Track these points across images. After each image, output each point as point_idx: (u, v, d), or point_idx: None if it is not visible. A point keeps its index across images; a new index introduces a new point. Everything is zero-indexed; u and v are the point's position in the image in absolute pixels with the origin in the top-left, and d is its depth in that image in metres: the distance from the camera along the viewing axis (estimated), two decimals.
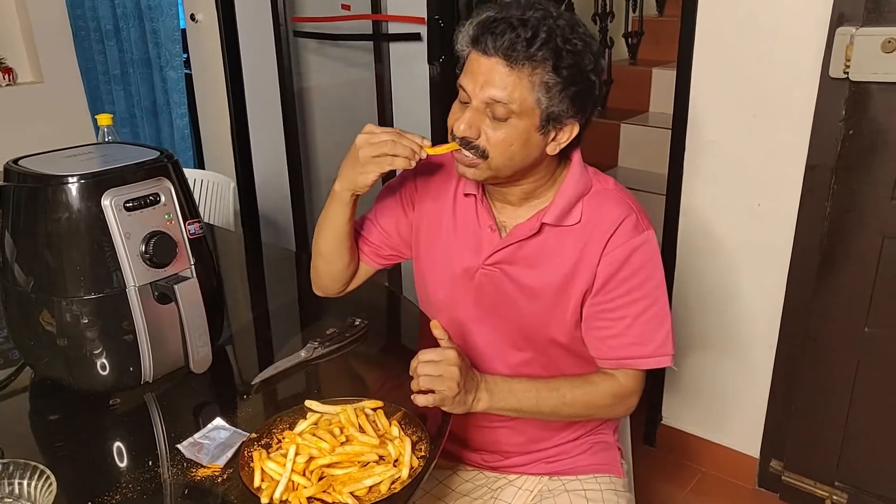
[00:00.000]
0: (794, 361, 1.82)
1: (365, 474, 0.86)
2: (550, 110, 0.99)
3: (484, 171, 1.03)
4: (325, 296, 1.26)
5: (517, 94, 0.97)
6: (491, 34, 0.96)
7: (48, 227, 1.01)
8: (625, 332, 1.09)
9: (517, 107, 0.97)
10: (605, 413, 1.16)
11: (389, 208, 1.22)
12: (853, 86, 1.54)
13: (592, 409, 1.12)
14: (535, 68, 0.96)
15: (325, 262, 1.21)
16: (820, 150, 1.64)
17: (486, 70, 0.97)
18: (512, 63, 0.96)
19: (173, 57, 2.79)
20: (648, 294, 1.08)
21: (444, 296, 1.20)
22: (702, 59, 1.76)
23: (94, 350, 1.04)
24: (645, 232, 1.08)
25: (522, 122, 0.99)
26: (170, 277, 1.06)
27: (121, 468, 0.95)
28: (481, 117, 1.00)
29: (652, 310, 1.09)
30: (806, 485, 1.87)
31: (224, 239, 1.95)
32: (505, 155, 1.01)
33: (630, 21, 3.38)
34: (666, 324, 1.10)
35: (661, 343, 1.10)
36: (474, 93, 0.99)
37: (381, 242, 1.23)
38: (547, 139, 1.03)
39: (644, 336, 1.09)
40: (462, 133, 1.00)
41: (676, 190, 1.89)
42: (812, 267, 1.71)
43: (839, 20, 1.52)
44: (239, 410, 1.07)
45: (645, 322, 1.09)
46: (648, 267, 1.08)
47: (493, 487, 1.25)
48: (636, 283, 1.07)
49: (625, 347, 1.10)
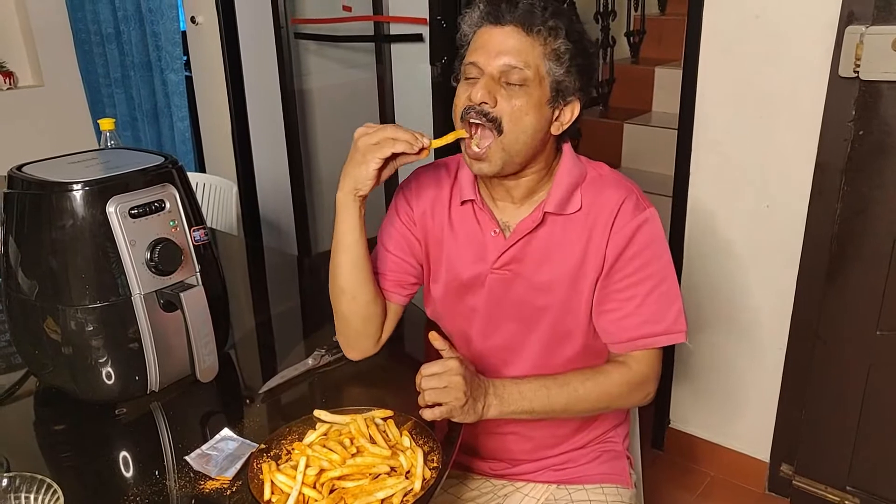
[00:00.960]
0: (804, 364, 1.80)
1: (377, 486, 0.85)
2: (559, 80, 1.02)
3: (496, 157, 1.02)
4: (363, 355, 1.17)
5: (532, 60, 1.00)
6: (507, 2, 1.00)
7: (52, 234, 0.99)
8: (636, 312, 1.08)
9: (531, 73, 1.00)
10: (622, 403, 1.13)
11: (395, 233, 1.19)
12: (863, 85, 1.53)
13: (607, 399, 1.09)
14: (549, 35, 1.00)
15: (349, 300, 1.12)
16: (829, 151, 1.62)
17: (501, 39, 1.00)
18: (528, 29, 0.99)
19: (174, 59, 2.77)
20: (656, 272, 1.07)
21: (456, 306, 1.18)
22: (708, 59, 1.75)
23: (99, 359, 1.03)
24: (646, 210, 1.07)
25: (535, 91, 1.01)
26: (175, 285, 1.05)
27: (128, 480, 0.94)
28: (496, 86, 1.00)
29: (661, 287, 1.08)
30: (817, 489, 1.85)
31: (226, 243, 1.93)
32: (519, 126, 1.01)
33: (632, 20, 3.37)
34: (677, 301, 1.09)
35: (674, 320, 1.08)
36: (488, 63, 1.00)
37: (400, 270, 1.18)
38: (552, 117, 1.05)
39: (656, 314, 1.08)
40: (479, 99, 1.00)
41: (683, 191, 1.88)
42: (822, 269, 1.70)
43: (849, 19, 1.51)
44: (246, 420, 1.05)
45: (655, 300, 1.07)
46: (654, 245, 1.07)
47: (500, 494, 1.23)
48: (643, 262, 1.07)
49: (637, 327, 1.08)
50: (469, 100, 1.01)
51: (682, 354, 2.03)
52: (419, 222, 1.18)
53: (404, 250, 1.18)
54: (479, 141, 1.02)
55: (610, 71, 3.29)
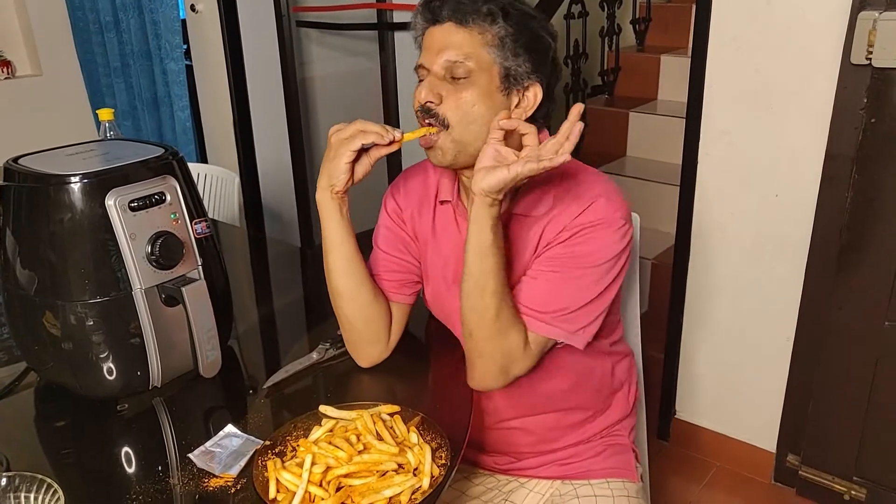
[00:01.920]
0: (811, 354, 1.79)
1: (384, 484, 0.83)
2: (507, 65, 1.01)
3: (448, 147, 1.01)
4: (373, 362, 1.13)
5: (472, 51, 1.00)
6: (439, 1, 1.01)
7: (51, 228, 0.97)
8: (533, 287, 1.03)
9: (474, 64, 0.99)
10: (488, 342, 1.01)
11: (388, 233, 1.18)
12: (876, 72, 1.50)
13: (493, 322, 0.99)
14: (485, 23, 1.00)
15: (348, 302, 1.10)
16: (840, 139, 1.60)
17: (440, 37, 1.01)
18: (462, 21, 1.00)
19: (174, 48, 2.74)
20: (578, 266, 1.01)
21: (443, 307, 1.18)
22: (717, 46, 1.72)
23: (100, 354, 1.01)
24: (614, 214, 1.02)
25: (482, 80, 1.00)
26: (177, 279, 1.03)
27: (130, 478, 0.92)
28: (441, 83, 1.01)
29: (575, 282, 1.01)
30: (824, 479, 1.84)
31: (228, 235, 1.91)
32: (468, 118, 1.00)
33: (637, 7, 3.33)
34: (580, 303, 1.01)
35: (563, 314, 1.01)
36: (431, 62, 1.01)
37: (398, 269, 1.17)
38: (510, 103, 1.03)
39: (548, 298, 1.02)
40: (424, 98, 1.01)
41: (691, 180, 1.86)
42: (831, 259, 1.68)
43: (861, 5, 1.48)
44: (250, 416, 1.03)
45: (558, 288, 1.01)
46: (598, 245, 1.01)
47: (505, 490, 1.22)
48: (575, 252, 1.01)
49: (526, 301, 1.02)
50: (416, 100, 1.02)
51: (688, 345, 2.02)
52: (409, 221, 1.17)
53: (399, 249, 1.17)
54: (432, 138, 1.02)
55: (615, 59, 3.25)
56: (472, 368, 1.06)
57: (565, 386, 1.16)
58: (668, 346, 2.05)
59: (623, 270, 1.06)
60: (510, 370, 1.04)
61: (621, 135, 3.04)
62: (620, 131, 3.04)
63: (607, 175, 1.11)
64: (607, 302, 1.06)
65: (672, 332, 2.03)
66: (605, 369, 1.20)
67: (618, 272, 1.05)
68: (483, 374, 1.05)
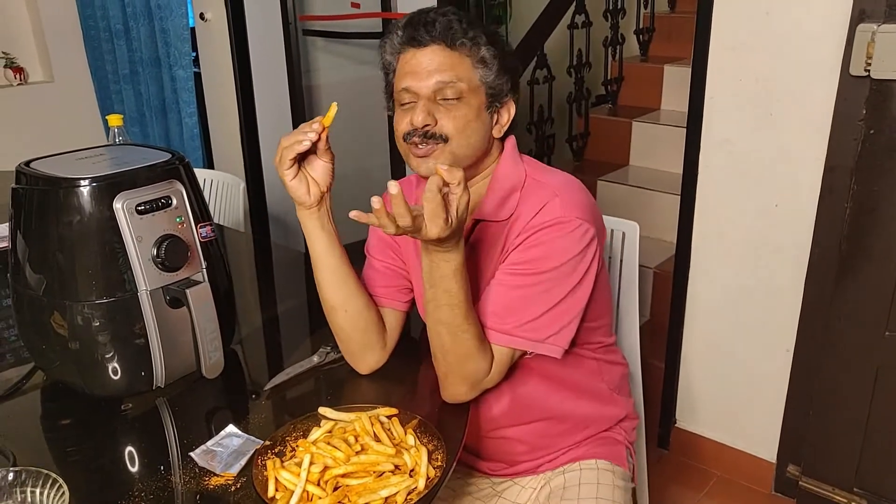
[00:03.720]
0: (812, 364, 1.79)
1: (380, 485, 0.85)
2: (492, 85, 1.04)
3: (444, 158, 1.02)
4: (371, 369, 1.14)
5: (462, 72, 1.02)
6: (424, 25, 1.02)
7: (60, 230, 0.99)
8: (493, 298, 1.02)
9: (465, 85, 1.02)
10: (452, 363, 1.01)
11: (378, 241, 1.19)
12: (874, 84, 1.51)
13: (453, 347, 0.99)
14: (472, 45, 1.02)
15: (341, 314, 1.09)
16: (839, 150, 1.61)
17: (428, 60, 1.02)
18: (451, 44, 1.02)
19: (182, 56, 2.79)
20: (538, 272, 1.00)
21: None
22: (717, 56, 1.74)
23: (105, 354, 1.03)
24: (568, 213, 1.00)
25: (474, 100, 1.03)
26: (181, 281, 1.05)
27: (133, 475, 0.94)
28: (434, 106, 1.02)
29: (533, 289, 1.00)
30: (824, 490, 1.84)
31: (234, 240, 1.94)
32: (464, 133, 1.02)
33: (641, 17, 3.35)
34: (548, 317, 1.01)
35: (521, 325, 1.01)
36: (420, 86, 1.02)
37: (390, 275, 1.17)
38: (493, 120, 1.07)
39: (507, 310, 1.01)
40: (421, 122, 1.01)
41: (691, 190, 1.87)
42: (831, 269, 1.69)
43: (860, 17, 1.49)
44: (251, 416, 1.05)
45: (518, 298, 1.01)
46: (552, 246, 1.00)
47: (498, 490, 1.24)
48: (530, 257, 1.00)
49: (486, 315, 1.02)
50: (411, 124, 1.02)
51: (689, 354, 2.02)
52: None
53: (390, 255, 1.18)
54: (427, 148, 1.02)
55: (619, 69, 3.27)
56: (442, 386, 1.06)
57: (558, 396, 1.17)
58: (668, 355, 2.06)
59: (590, 272, 1.03)
60: (478, 386, 1.04)
61: (624, 144, 3.06)
62: (623, 141, 3.06)
63: (570, 176, 1.09)
64: (578, 306, 1.03)
65: (672, 341, 2.03)
66: (597, 378, 1.21)
67: (582, 274, 1.02)
68: (454, 394, 1.05)
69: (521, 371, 1.13)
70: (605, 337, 1.21)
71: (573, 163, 3.14)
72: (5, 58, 2.85)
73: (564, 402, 1.18)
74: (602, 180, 2.86)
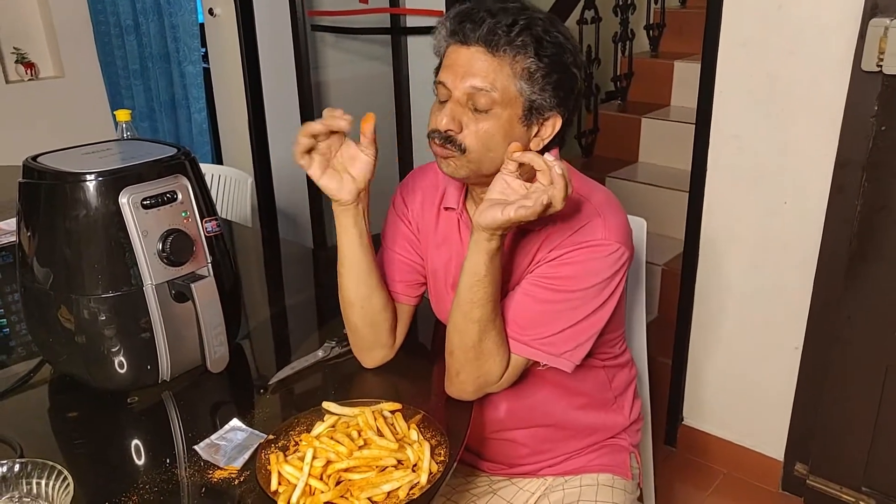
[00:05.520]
0: (820, 363, 1.78)
1: (383, 479, 0.85)
2: (533, 99, 0.97)
3: (462, 167, 0.99)
4: (377, 363, 1.14)
5: (499, 81, 0.95)
6: (471, 22, 0.95)
7: (66, 224, 1.00)
8: (519, 311, 1.02)
9: (499, 95, 0.95)
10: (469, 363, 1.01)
11: (398, 233, 1.18)
12: (887, 80, 1.50)
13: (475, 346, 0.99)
14: (517, 55, 0.94)
15: (358, 310, 1.09)
16: (850, 147, 1.59)
17: (466, 60, 0.95)
18: (493, 49, 0.94)
19: (192, 51, 2.79)
20: (566, 291, 0.99)
21: (444, 310, 1.17)
22: (727, 52, 1.72)
23: (111, 348, 1.04)
24: (609, 237, 0.99)
25: (505, 113, 0.96)
26: (186, 276, 1.05)
27: (138, 468, 0.95)
28: (463, 110, 0.97)
29: (557, 306, 1.00)
30: (832, 489, 1.83)
31: (241, 235, 1.94)
32: (485, 147, 0.97)
33: (652, 13, 3.33)
34: (560, 327, 1.00)
35: (542, 339, 1.01)
36: (455, 85, 0.96)
37: (407, 270, 1.17)
38: (530, 133, 1.00)
39: (530, 324, 1.01)
40: (444, 126, 0.97)
41: (700, 187, 1.86)
42: (840, 267, 1.67)
43: (872, 11, 1.48)
44: (256, 410, 1.06)
45: (540, 311, 1.00)
46: (587, 267, 0.99)
47: (494, 488, 1.24)
48: (563, 274, 0.99)
49: (509, 325, 1.02)
50: (436, 125, 0.99)
51: (696, 351, 2.01)
52: (414, 220, 1.17)
53: (406, 248, 1.17)
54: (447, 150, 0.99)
55: (629, 65, 3.26)
56: (449, 381, 1.06)
57: (563, 403, 1.17)
58: (675, 353, 2.05)
59: (615, 294, 1.02)
60: (485, 389, 1.04)
61: (634, 141, 3.04)
62: (633, 137, 3.04)
63: (610, 192, 1.07)
64: (598, 325, 1.03)
65: (680, 339, 2.02)
66: (605, 387, 1.21)
67: (608, 296, 1.01)
68: (460, 391, 1.05)
69: (530, 377, 1.13)
70: (616, 347, 1.20)
71: (582, 159, 3.12)
72: (16, 53, 2.87)
73: (570, 411, 1.18)
74: (611, 177, 2.85)
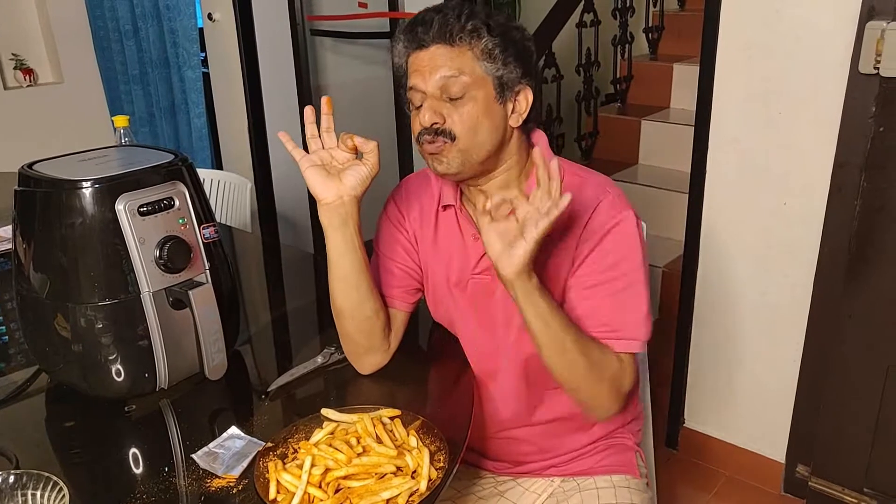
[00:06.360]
0: (821, 364, 1.77)
1: (382, 487, 0.84)
2: (500, 75, 1.03)
3: (454, 157, 1.03)
4: (373, 369, 1.14)
5: (465, 66, 1.01)
6: (422, 26, 1.02)
7: (62, 231, 1.00)
8: (595, 312, 1.06)
9: (469, 79, 1.01)
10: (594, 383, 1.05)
11: (392, 240, 1.19)
12: (884, 82, 1.49)
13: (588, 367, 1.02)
14: (472, 39, 1.01)
15: (348, 319, 1.10)
16: (849, 148, 1.59)
17: (430, 59, 1.02)
18: (450, 42, 1.01)
19: (191, 56, 2.80)
20: (622, 275, 1.06)
21: (446, 312, 1.19)
22: (725, 54, 1.72)
23: (108, 356, 1.03)
24: (623, 212, 1.06)
25: (480, 94, 1.02)
26: (184, 283, 1.05)
27: (136, 477, 0.94)
28: (440, 103, 1.02)
29: (626, 291, 1.06)
30: (834, 491, 1.82)
31: (241, 240, 1.94)
32: (472, 130, 1.02)
33: (650, 16, 3.34)
34: (640, 308, 1.06)
35: (633, 326, 1.06)
36: (426, 83, 1.02)
37: (402, 276, 1.17)
38: (507, 110, 1.05)
39: (615, 317, 1.06)
40: (429, 121, 1.02)
41: (699, 188, 1.85)
42: (840, 268, 1.67)
43: (869, 14, 1.48)
44: (255, 418, 1.05)
45: (618, 303, 1.06)
46: (624, 247, 1.06)
47: (500, 489, 1.23)
48: (611, 262, 1.05)
49: (594, 328, 1.06)
50: (420, 124, 1.03)
51: (697, 353, 2.01)
52: (410, 228, 1.18)
53: (401, 255, 1.18)
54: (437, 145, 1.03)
55: (628, 68, 3.26)
56: (591, 410, 1.10)
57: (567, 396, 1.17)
58: (677, 354, 2.04)
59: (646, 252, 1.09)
60: (622, 391, 1.07)
61: (633, 143, 3.04)
62: (632, 139, 3.04)
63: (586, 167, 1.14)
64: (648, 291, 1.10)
65: (681, 340, 2.02)
66: None
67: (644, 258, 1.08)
68: (604, 410, 1.09)
69: (533, 372, 1.13)
70: None
71: (582, 162, 3.12)
72: (15, 59, 2.87)
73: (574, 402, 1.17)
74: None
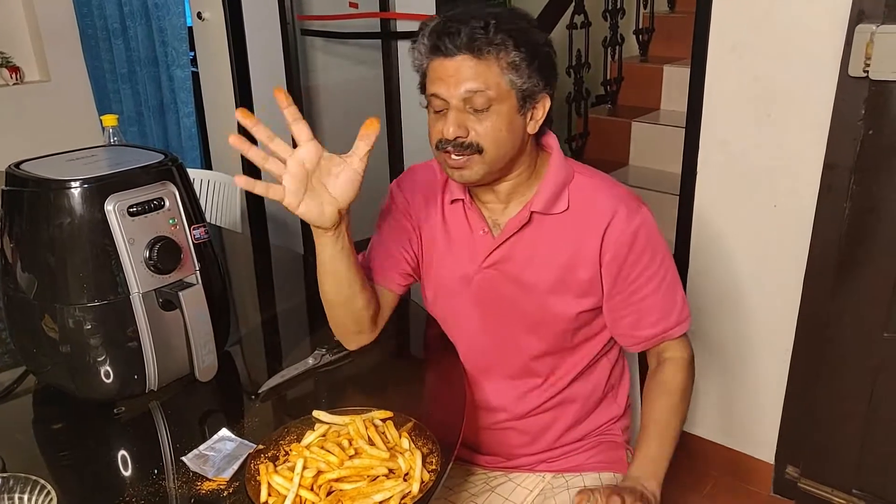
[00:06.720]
0: (810, 365, 1.79)
1: (374, 489, 0.84)
2: (524, 88, 1.03)
3: (479, 168, 1.04)
4: (360, 345, 1.18)
5: (491, 80, 1.00)
6: (448, 35, 1.00)
7: (51, 232, 0.98)
8: (648, 313, 1.13)
9: (494, 93, 1.01)
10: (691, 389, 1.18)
11: (393, 222, 1.20)
12: (873, 85, 1.50)
13: (688, 394, 1.15)
14: (500, 52, 1.00)
15: (339, 310, 1.13)
16: (838, 150, 1.60)
17: (455, 69, 1.00)
18: (477, 54, 1.00)
19: (180, 55, 2.78)
20: (659, 268, 1.12)
21: (447, 306, 1.19)
22: (716, 56, 1.73)
23: (97, 357, 1.02)
24: (639, 211, 1.10)
25: (503, 107, 1.02)
26: (174, 284, 1.04)
27: (125, 480, 0.93)
28: (464, 115, 1.02)
29: (665, 282, 1.13)
30: (823, 492, 1.84)
31: (231, 240, 1.93)
32: (496, 143, 1.03)
33: (641, 17, 3.35)
34: (679, 289, 1.15)
35: (680, 309, 1.15)
36: (450, 94, 1.01)
37: (397, 257, 1.19)
38: (526, 119, 1.06)
39: (665, 309, 1.14)
40: (453, 134, 1.02)
41: (689, 190, 1.86)
42: (830, 269, 1.68)
43: (859, 17, 1.49)
44: (245, 420, 1.04)
45: (662, 296, 1.13)
46: (652, 243, 1.11)
47: (492, 485, 1.23)
48: (646, 262, 1.10)
49: (652, 325, 1.13)
50: (442, 134, 1.03)
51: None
52: (415, 215, 1.19)
53: (405, 242, 1.19)
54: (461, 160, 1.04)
55: (618, 69, 3.27)
56: None
57: (563, 385, 1.18)
58: None
59: None
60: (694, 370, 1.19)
61: (624, 144, 3.05)
62: (623, 141, 3.05)
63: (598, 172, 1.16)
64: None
65: None
66: (603, 369, 1.22)
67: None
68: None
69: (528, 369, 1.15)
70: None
71: None
72: (1, 57, 2.84)
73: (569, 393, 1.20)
74: None
